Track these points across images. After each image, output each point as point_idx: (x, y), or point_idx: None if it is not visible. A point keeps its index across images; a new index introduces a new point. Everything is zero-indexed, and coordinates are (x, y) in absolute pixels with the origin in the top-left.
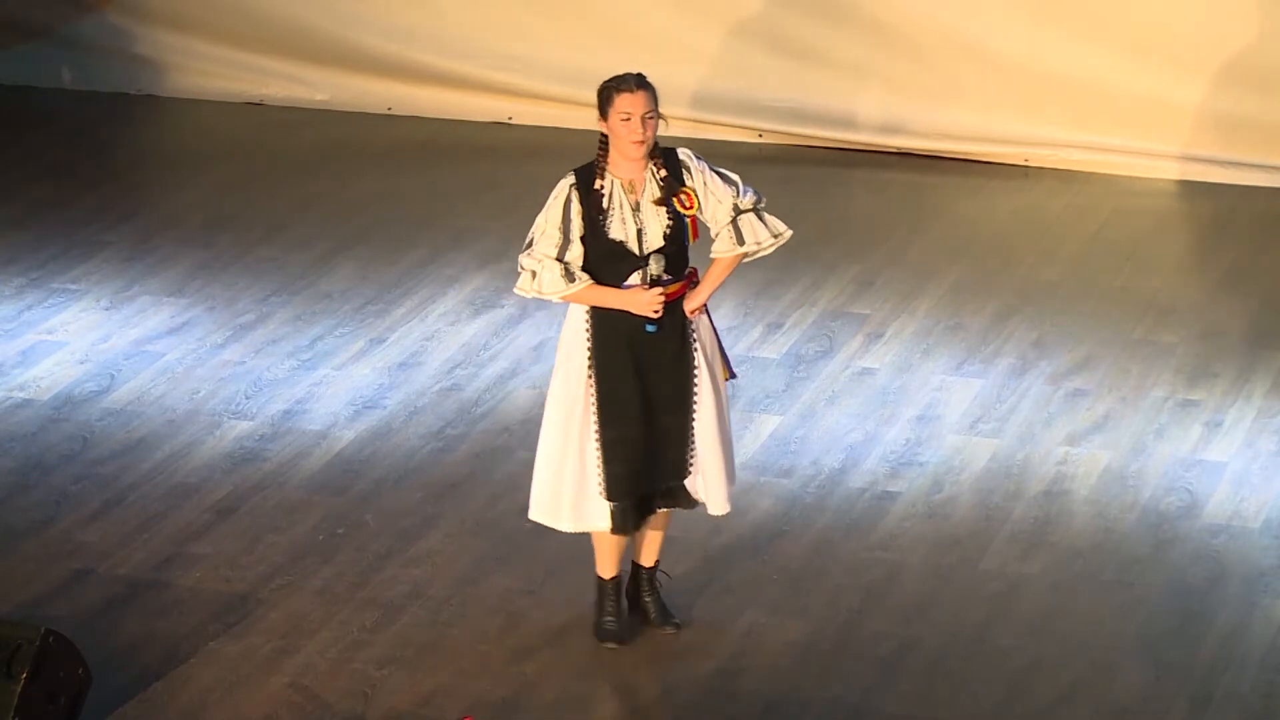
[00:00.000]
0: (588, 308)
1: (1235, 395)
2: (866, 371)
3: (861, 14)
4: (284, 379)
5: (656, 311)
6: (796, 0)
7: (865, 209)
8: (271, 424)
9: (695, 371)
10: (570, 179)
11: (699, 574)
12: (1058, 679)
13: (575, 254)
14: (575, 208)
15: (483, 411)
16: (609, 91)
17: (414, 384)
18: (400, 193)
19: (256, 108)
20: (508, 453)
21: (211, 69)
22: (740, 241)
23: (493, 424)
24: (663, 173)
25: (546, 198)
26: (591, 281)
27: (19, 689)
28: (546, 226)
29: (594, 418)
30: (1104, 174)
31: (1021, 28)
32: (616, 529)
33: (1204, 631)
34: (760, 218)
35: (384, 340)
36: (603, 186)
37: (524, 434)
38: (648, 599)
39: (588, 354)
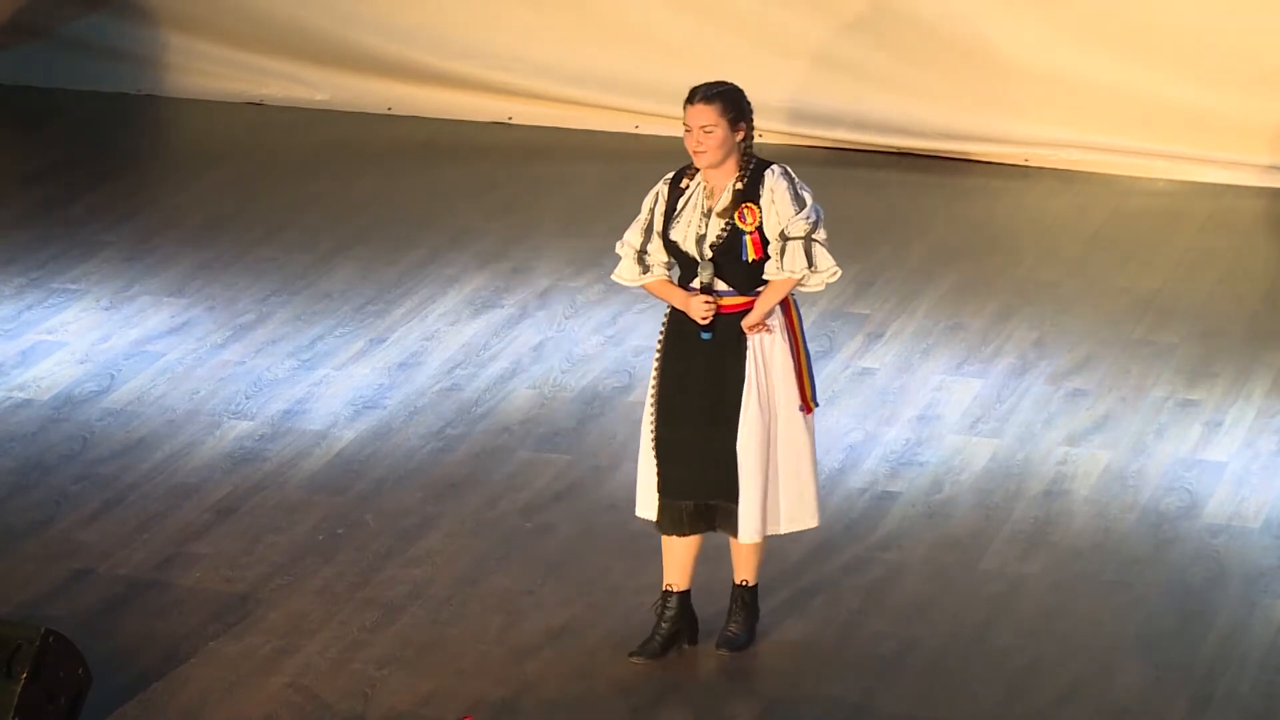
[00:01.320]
0: (669, 308)
1: (1235, 395)
2: (866, 371)
3: (861, 14)
4: (284, 379)
5: (704, 319)
6: (796, 0)
7: (865, 209)
8: (271, 424)
9: (744, 390)
10: (670, 174)
11: (699, 573)
12: (1058, 679)
13: (655, 246)
14: (660, 203)
15: (483, 411)
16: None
17: (414, 384)
18: (400, 193)
19: (256, 108)
20: (508, 453)
21: (211, 69)
22: (781, 267)
23: (493, 424)
24: (740, 185)
25: (547, 199)
26: (665, 277)
27: (19, 689)
28: (639, 217)
29: (651, 414)
30: (1104, 174)
31: (1021, 28)
32: (661, 526)
33: (1204, 631)
34: (807, 249)
35: (384, 340)
36: (687, 186)
37: (524, 434)
38: (734, 610)
39: (658, 352)
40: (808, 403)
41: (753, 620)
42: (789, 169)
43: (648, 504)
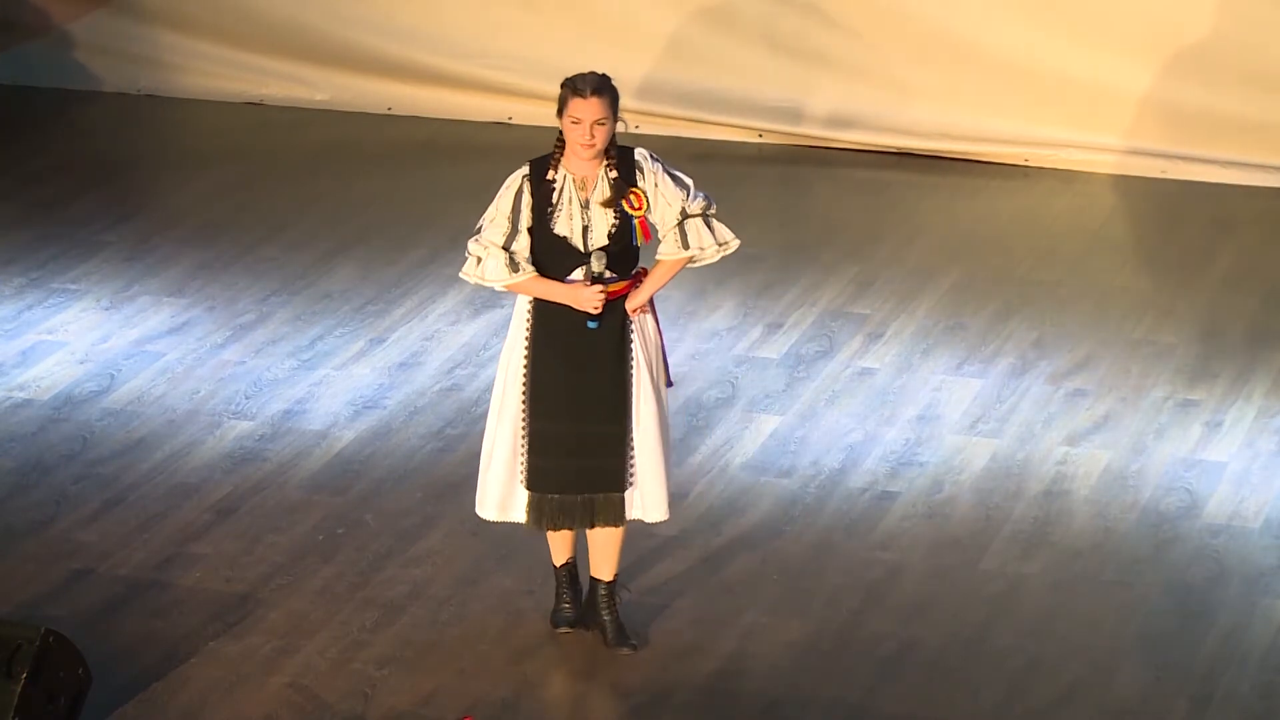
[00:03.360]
0: (530, 300)
1: (1235, 395)
2: (866, 371)
3: (861, 14)
4: (284, 379)
5: (596, 308)
6: (796, 0)
7: (865, 209)
8: (271, 424)
9: (633, 372)
10: (525, 170)
11: (699, 573)
12: (1058, 679)
13: (522, 244)
14: (525, 199)
15: (483, 411)
16: (564, 92)
17: (414, 384)
18: (400, 193)
19: (256, 108)
20: None
21: (211, 69)
22: (685, 245)
23: None
24: (614, 173)
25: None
26: (536, 273)
27: (19, 689)
28: (496, 215)
29: (523, 408)
30: (1104, 174)
31: (1021, 28)
32: (532, 521)
33: (1204, 631)
34: (708, 224)
35: (384, 340)
36: (554, 180)
37: None
38: (604, 616)
39: (525, 345)
40: (669, 377)
41: (619, 615)
42: (651, 151)
43: (504, 504)
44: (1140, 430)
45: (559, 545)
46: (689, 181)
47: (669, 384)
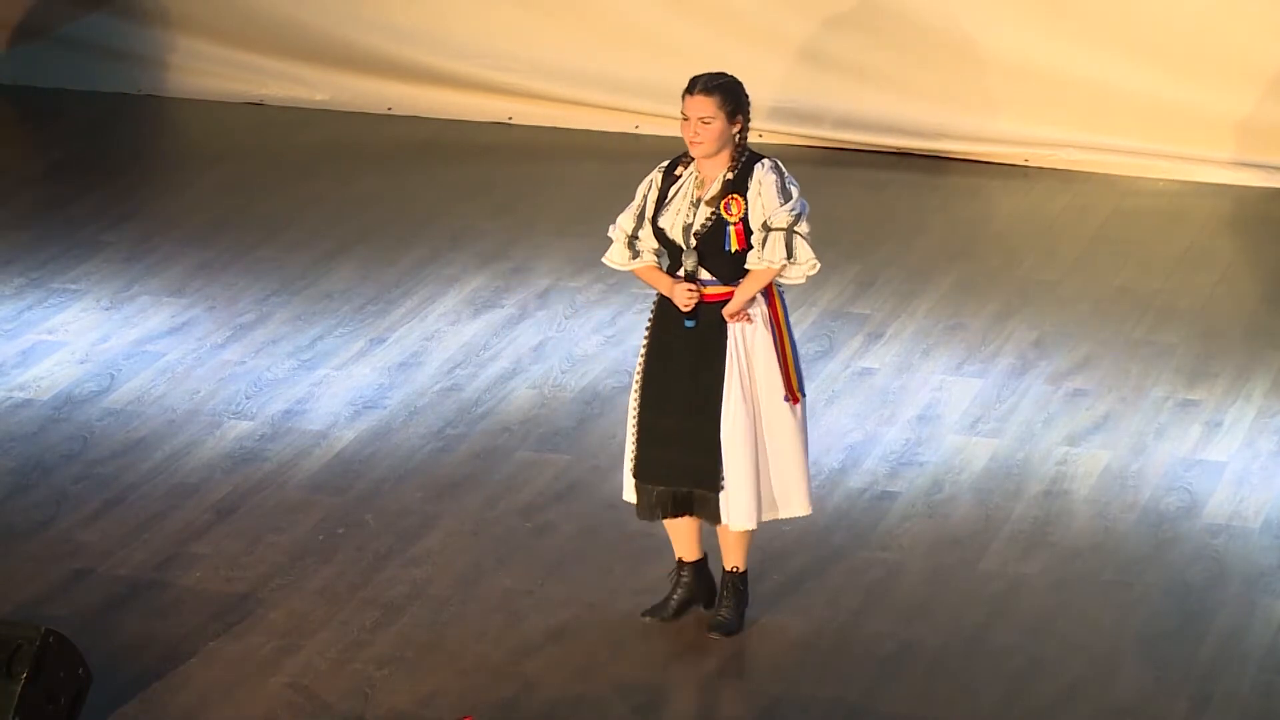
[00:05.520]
0: (658, 294)
1: (1235, 395)
2: (866, 371)
3: (861, 14)
4: (284, 379)
5: (687, 306)
6: (796, 0)
7: (865, 209)
8: (271, 424)
9: (725, 380)
10: (667, 161)
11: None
12: (1058, 679)
13: (646, 232)
14: (653, 190)
15: (483, 411)
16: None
17: (414, 384)
18: (400, 193)
19: (256, 108)
20: (508, 453)
21: (211, 69)
22: (761, 257)
23: (493, 424)
24: (730, 176)
25: (547, 199)
26: (654, 263)
27: (19, 689)
28: (633, 202)
29: (635, 399)
30: (1104, 174)
31: (1022, 28)
32: (640, 510)
33: (1204, 631)
34: (788, 240)
35: (384, 340)
36: (681, 175)
37: (524, 434)
38: (724, 596)
39: (645, 336)
40: (793, 393)
41: (742, 605)
42: (780, 163)
43: (630, 487)
44: (1140, 430)
45: (680, 539)
46: (794, 194)
47: (792, 399)
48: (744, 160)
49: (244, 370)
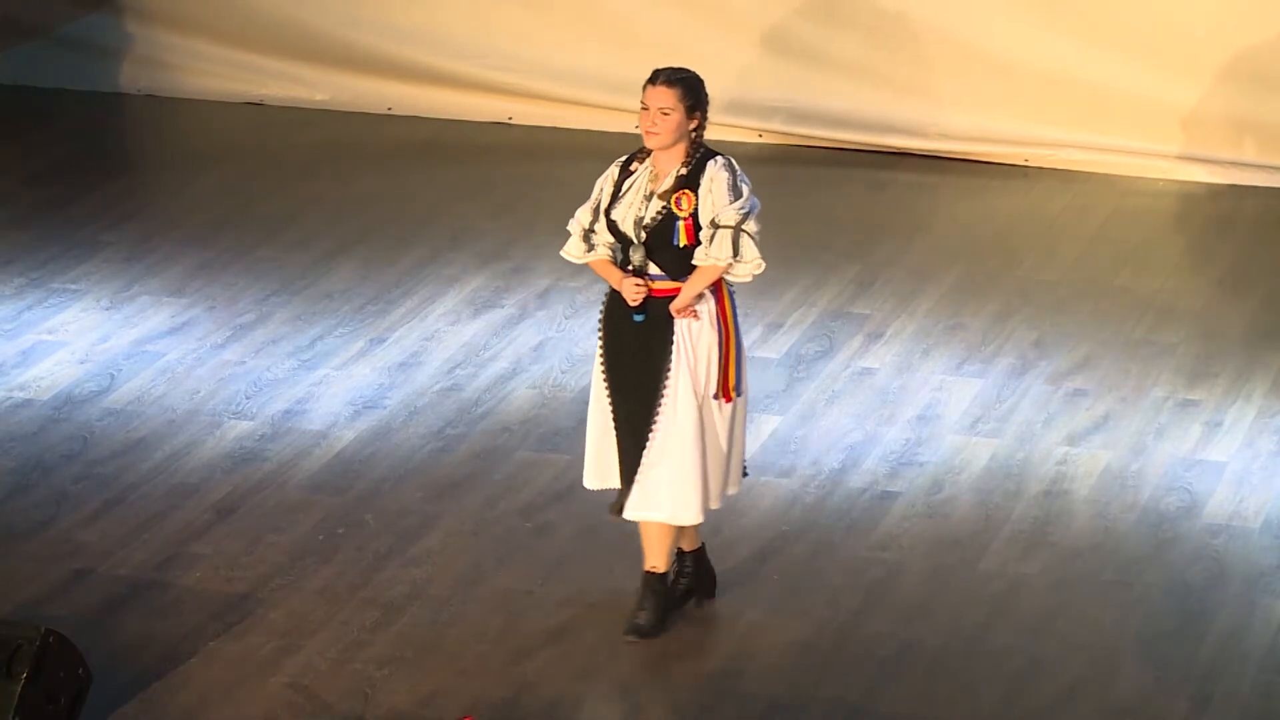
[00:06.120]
0: (610, 286)
1: (1235, 395)
2: (866, 371)
3: (861, 14)
4: (284, 379)
5: (634, 300)
6: (796, 0)
7: (865, 209)
8: (271, 424)
9: (667, 377)
10: (624, 156)
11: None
12: (1058, 679)
13: (603, 224)
14: (608, 184)
15: (483, 411)
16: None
17: (414, 384)
18: (400, 193)
19: (256, 108)
20: (508, 453)
21: (211, 69)
22: (707, 254)
23: (493, 424)
24: (684, 171)
25: (547, 199)
26: (608, 257)
27: (19, 689)
28: (592, 194)
29: (605, 389)
30: (1104, 174)
31: (1021, 28)
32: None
33: (1204, 631)
34: (735, 238)
35: (384, 340)
36: (636, 169)
37: (524, 434)
38: (645, 598)
39: (599, 329)
40: (727, 392)
41: (662, 608)
42: (734, 162)
43: (602, 473)
44: (1140, 430)
45: (644, 545)
46: (745, 193)
47: (725, 398)
48: (699, 156)
49: (244, 370)
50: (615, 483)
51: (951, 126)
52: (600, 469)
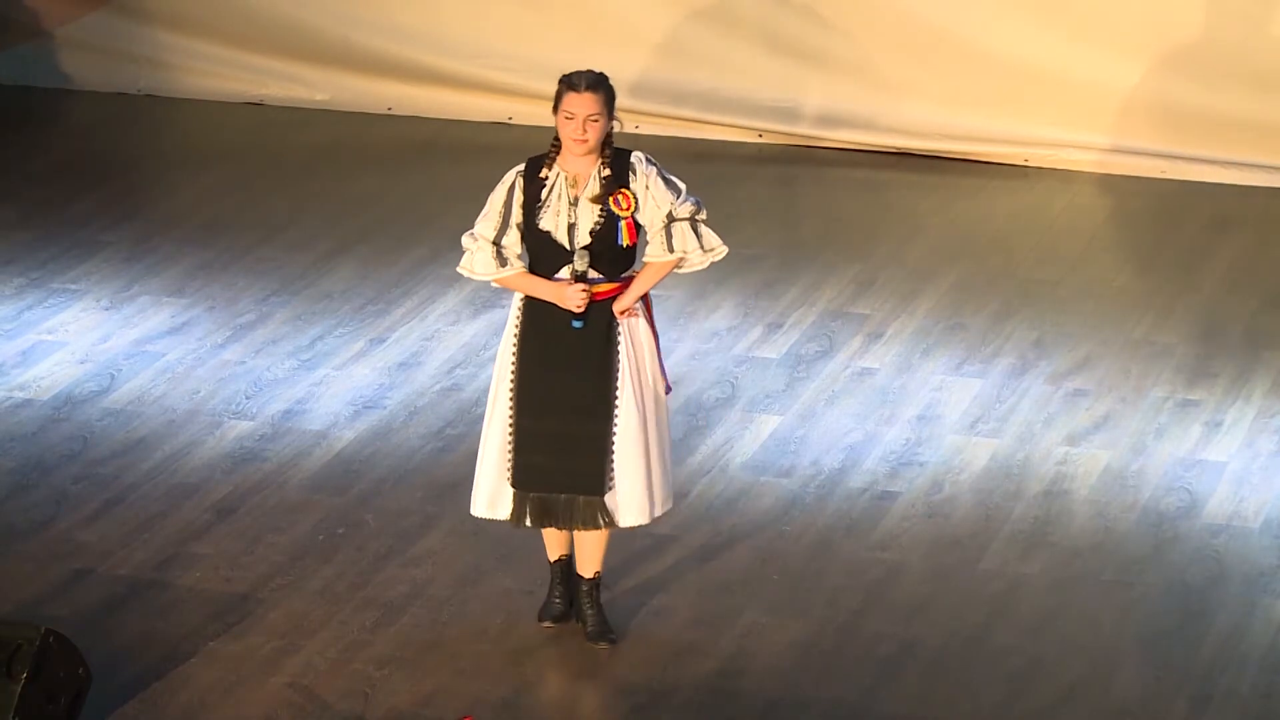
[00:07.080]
0: (522, 298)
1: (1235, 395)
2: (866, 371)
3: (861, 15)
4: (284, 379)
5: (579, 307)
6: (797, 1)
7: (865, 209)
8: (271, 424)
9: (618, 376)
10: (520, 166)
11: (698, 573)
12: (1058, 679)
13: (512, 239)
14: (517, 194)
15: (483, 411)
16: (560, 87)
17: (414, 384)
18: (400, 193)
19: (256, 108)
20: None
21: (211, 69)
22: (670, 249)
23: None
24: (606, 172)
25: None
26: (524, 269)
27: (19, 689)
28: (489, 209)
29: (510, 405)
30: (1104, 174)
31: (1021, 28)
32: (514, 518)
33: (1204, 631)
34: (694, 228)
35: (384, 340)
36: (547, 177)
37: None
38: (587, 610)
39: (514, 342)
40: (667, 383)
41: (603, 610)
42: (648, 154)
43: (494, 501)
44: (1140, 430)
45: (552, 542)
46: (681, 185)
47: (667, 390)
48: (611, 155)
49: (244, 370)
50: (505, 513)
51: (951, 126)
52: (495, 497)
